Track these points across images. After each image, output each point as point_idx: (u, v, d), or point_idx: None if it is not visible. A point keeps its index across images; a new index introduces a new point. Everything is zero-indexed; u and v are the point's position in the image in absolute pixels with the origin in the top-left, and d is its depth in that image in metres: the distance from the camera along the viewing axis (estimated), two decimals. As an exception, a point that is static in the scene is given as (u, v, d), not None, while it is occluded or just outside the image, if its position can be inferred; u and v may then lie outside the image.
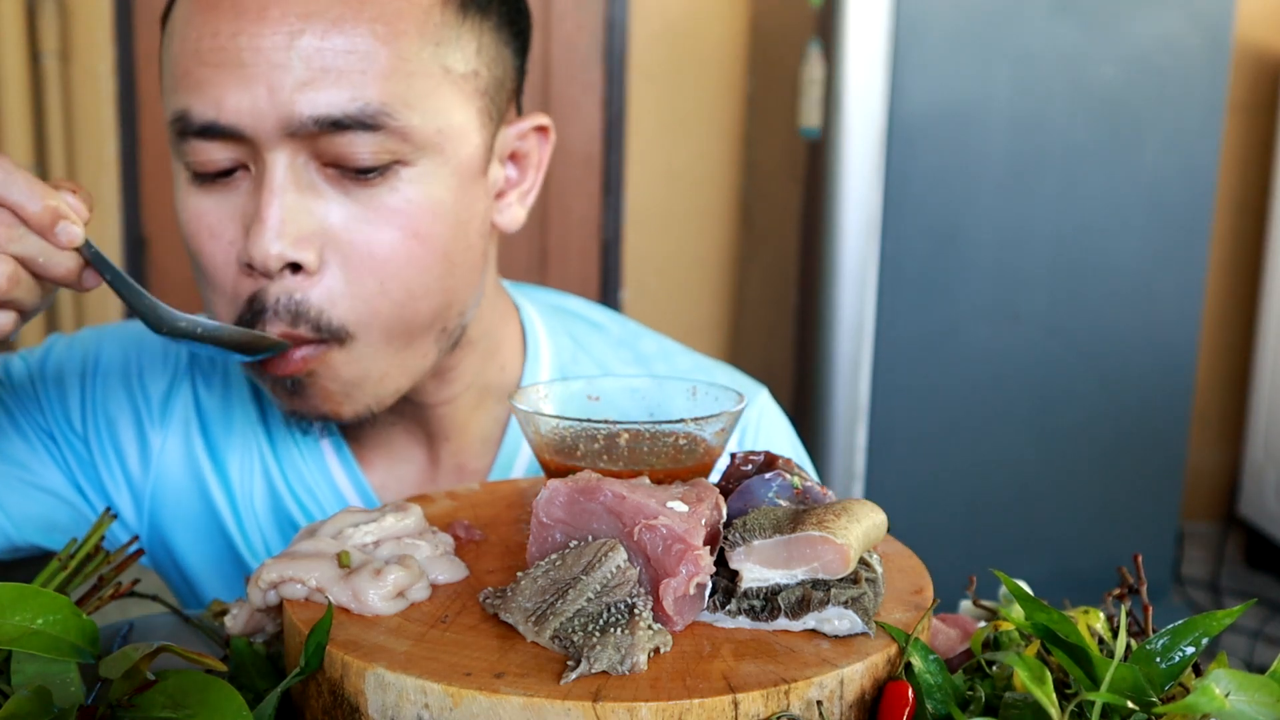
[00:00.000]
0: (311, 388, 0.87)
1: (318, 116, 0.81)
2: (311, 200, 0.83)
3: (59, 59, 3.11)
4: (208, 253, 0.86)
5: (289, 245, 0.82)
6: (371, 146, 0.82)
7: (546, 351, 1.05)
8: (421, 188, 0.85)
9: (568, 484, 0.65)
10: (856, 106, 2.49)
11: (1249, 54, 3.38)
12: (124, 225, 3.28)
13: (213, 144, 0.83)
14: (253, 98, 0.81)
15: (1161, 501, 2.77)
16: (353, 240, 0.84)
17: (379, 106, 0.82)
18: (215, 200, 0.86)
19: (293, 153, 0.83)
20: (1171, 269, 2.67)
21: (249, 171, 0.85)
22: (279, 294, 0.84)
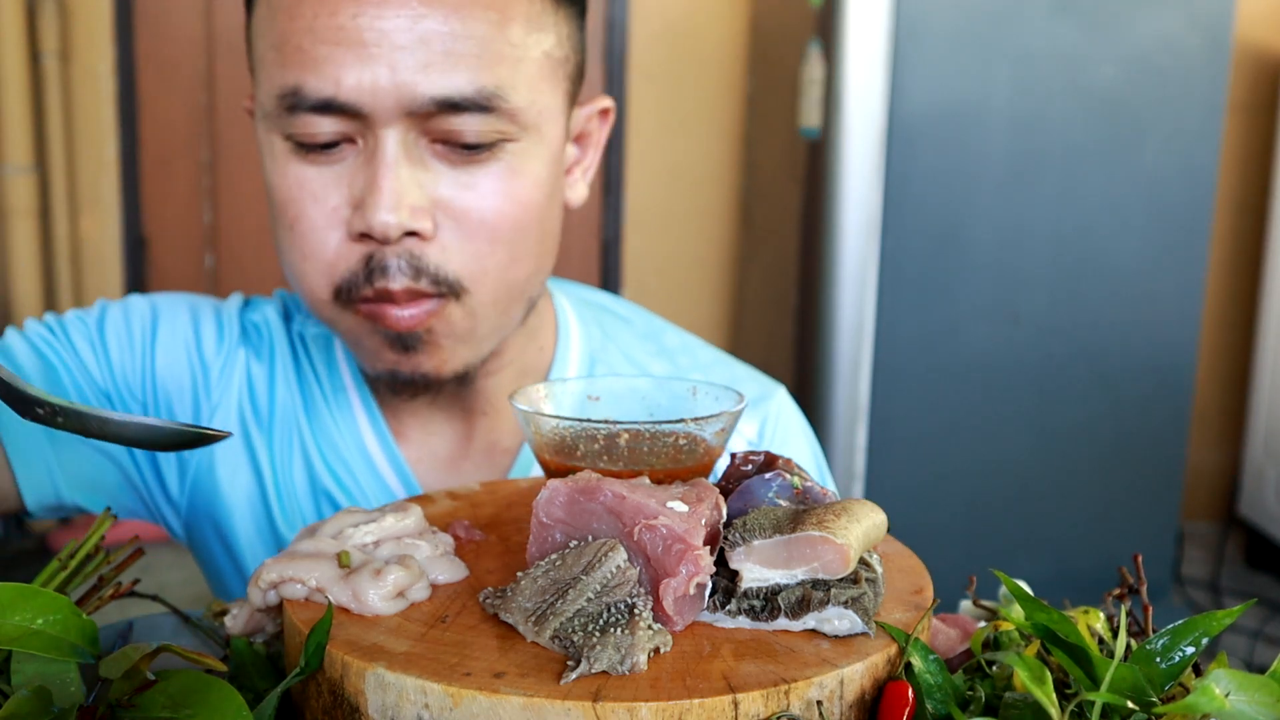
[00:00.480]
0: (426, 343, 0.92)
1: (437, 97, 0.85)
2: (421, 173, 0.88)
3: (59, 59, 3.12)
4: (309, 217, 0.89)
5: (406, 215, 0.86)
6: (482, 126, 0.87)
7: (577, 338, 1.09)
8: (522, 163, 0.90)
9: (568, 484, 0.65)
10: (856, 106, 2.49)
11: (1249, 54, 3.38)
12: (124, 225, 3.28)
13: (325, 118, 0.86)
14: (373, 76, 0.84)
15: (1161, 501, 2.77)
16: (464, 206, 0.89)
17: (493, 90, 0.87)
18: (319, 170, 0.89)
19: (405, 129, 0.87)
20: (1171, 269, 2.67)
21: (355, 145, 0.88)
22: (398, 253, 0.88)
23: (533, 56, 0.90)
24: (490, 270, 0.91)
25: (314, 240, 0.90)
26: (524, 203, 0.91)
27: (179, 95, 3.29)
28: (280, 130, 0.89)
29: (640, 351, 1.11)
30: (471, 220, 0.89)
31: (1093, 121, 2.57)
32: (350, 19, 0.84)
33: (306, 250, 0.90)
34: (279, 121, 0.89)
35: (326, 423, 1.04)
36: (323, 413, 1.04)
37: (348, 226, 0.88)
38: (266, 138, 0.91)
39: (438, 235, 0.89)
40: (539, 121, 0.91)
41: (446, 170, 0.89)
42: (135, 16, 3.25)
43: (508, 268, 0.92)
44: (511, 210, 0.90)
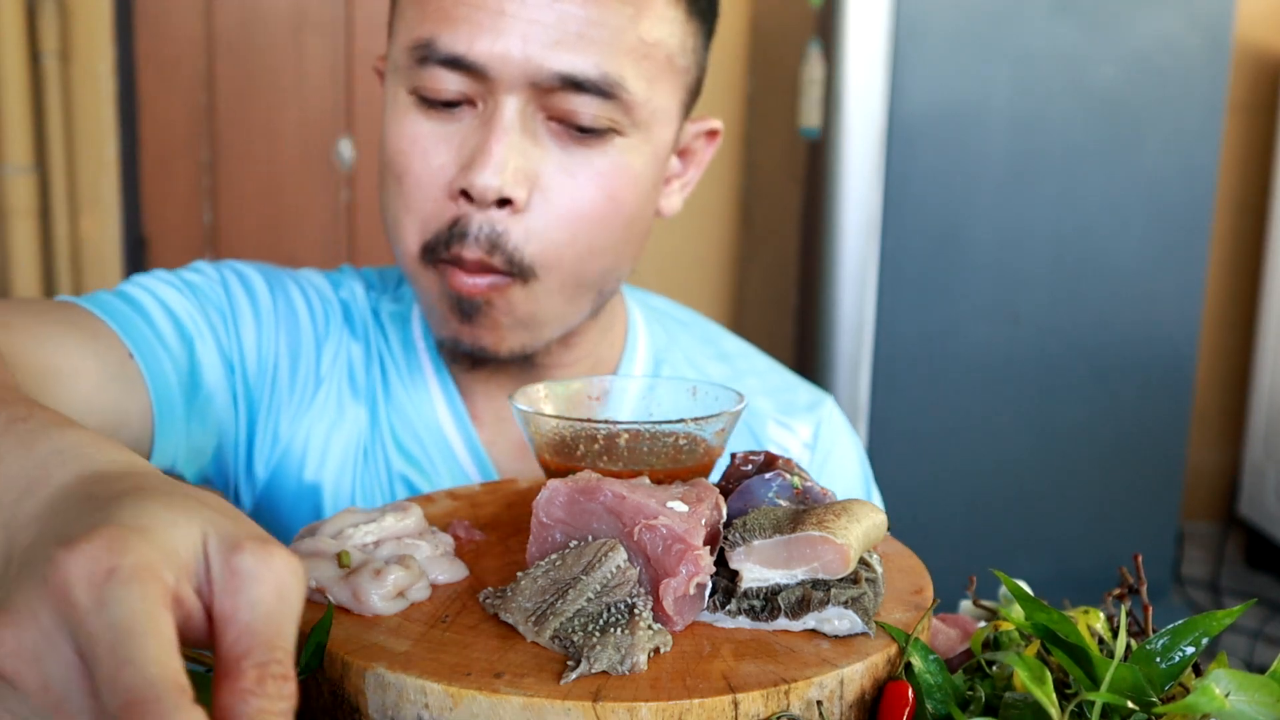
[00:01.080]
0: (485, 316, 0.93)
1: (563, 73, 0.88)
2: (530, 145, 0.90)
3: (59, 59, 3.12)
4: (415, 171, 0.92)
5: (507, 181, 0.89)
6: (598, 111, 0.90)
7: (644, 339, 1.12)
8: (627, 157, 0.93)
9: (568, 484, 0.65)
10: (856, 106, 2.49)
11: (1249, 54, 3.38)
12: (124, 225, 3.28)
13: (452, 75, 0.89)
14: (505, 43, 0.87)
15: (1161, 501, 2.77)
16: (560, 188, 0.91)
17: (616, 78, 0.90)
18: (435, 126, 0.92)
19: (525, 100, 0.89)
20: (1171, 269, 2.67)
21: (474, 108, 0.91)
22: (482, 222, 0.90)
23: (657, 57, 0.93)
24: (565, 259, 0.93)
25: (417, 194, 0.92)
26: (618, 198, 0.94)
27: (179, 95, 3.29)
28: (407, 84, 0.92)
29: (700, 355, 1.14)
30: (563, 204, 0.92)
31: (1093, 121, 2.57)
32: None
33: (408, 203, 0.93)
34: (408, 74, 0.92)
35: (403, 403, 1.06)
36: (399, 392, 1.06)
37: (449, 184, 0.91)
38: (393, 91, 0.94)
39: (526, 214, 0.91)
40: (651, 121, 0.94)
41: (555, 149, 0.91)
42: (135, 16, 3.25)
43: (584, 259, 0.94)
44: (604, 203, 0.93)
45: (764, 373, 1.15)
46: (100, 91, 3.18)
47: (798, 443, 1.10)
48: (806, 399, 1.14)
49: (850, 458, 1.15)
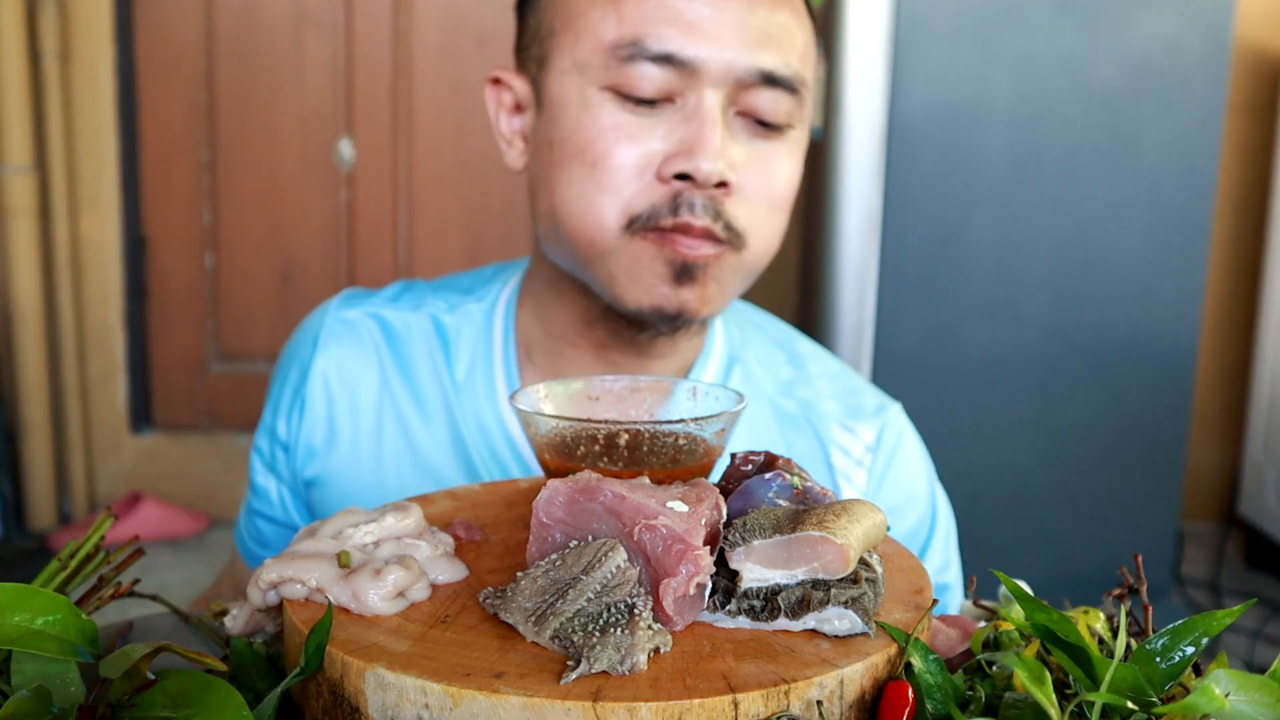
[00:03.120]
0: (698, 278, 1.00)
1: (763, 70, 0.98)
2: (728, 137, 0.99)
3: (59, 59, 3.11)
4: (618, 157, 0.98)
5: (724, 166, 0.97)
6: (783, 106, 1.00)
7: (720, 338, 1.17)
8: (797, 149, 1.04)
9: (568, 484, 0.65)
10: (856, 106, 2.49)
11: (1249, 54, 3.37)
12: (124, 225, 3.28)
13: (659, 71, 0.97)
14: (713, 43, 0.96)
15: (1161, 501, 2.77)
16: (753, 176, 1.00)
17: (801, 79, 1.01)
18: (636, 118, 0.98)
19: (724, 95, 0.98)
20: (1171, 269, 2.66)
21: (673, 103, 0.98)
22: (702, 197, 0.98)
23: (814, 60, 1.04)
24: (763, 235, 1.03)
25: (619, 175, 0.98)
26: (794, 184, 1.05)
27: (179, 95, 3.29)
28: (601, 80, 0.98)
29: (773, 357, 1.19)
30: (760, 187, 1.01)
31: (1093, 121, 2.56)
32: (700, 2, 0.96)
33: (606, 184, 0.99)
34: (603, 72, 0.98)
35: (473, 401, 1.11)
36: (465, 392, 1.11)
37: (659, 169, 0.98)
38: (576, 88, 1.00)
39: (735, 192, 0.99)
40: (806, 120, 1.05)
41: (746, 140, 1.00)
42: (135, 16, 3.25)
43: (773, 238, 1.04)
44: (786, 187, 1.03)
45: (834, 376, 1.19)
46: (100, 91, 3.18)
47: (860, 446, 1.14)
48: (873, 404, 1.18)
49: (914, 463, 1.17)
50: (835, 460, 1.12)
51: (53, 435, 3.26)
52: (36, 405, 3.20)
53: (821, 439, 1.13)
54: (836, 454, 1.13)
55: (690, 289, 1.00)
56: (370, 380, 1.12)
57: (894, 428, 1.16)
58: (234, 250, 3.38)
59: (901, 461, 1.16)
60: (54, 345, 3.25)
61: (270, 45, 3.28)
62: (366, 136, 3.33)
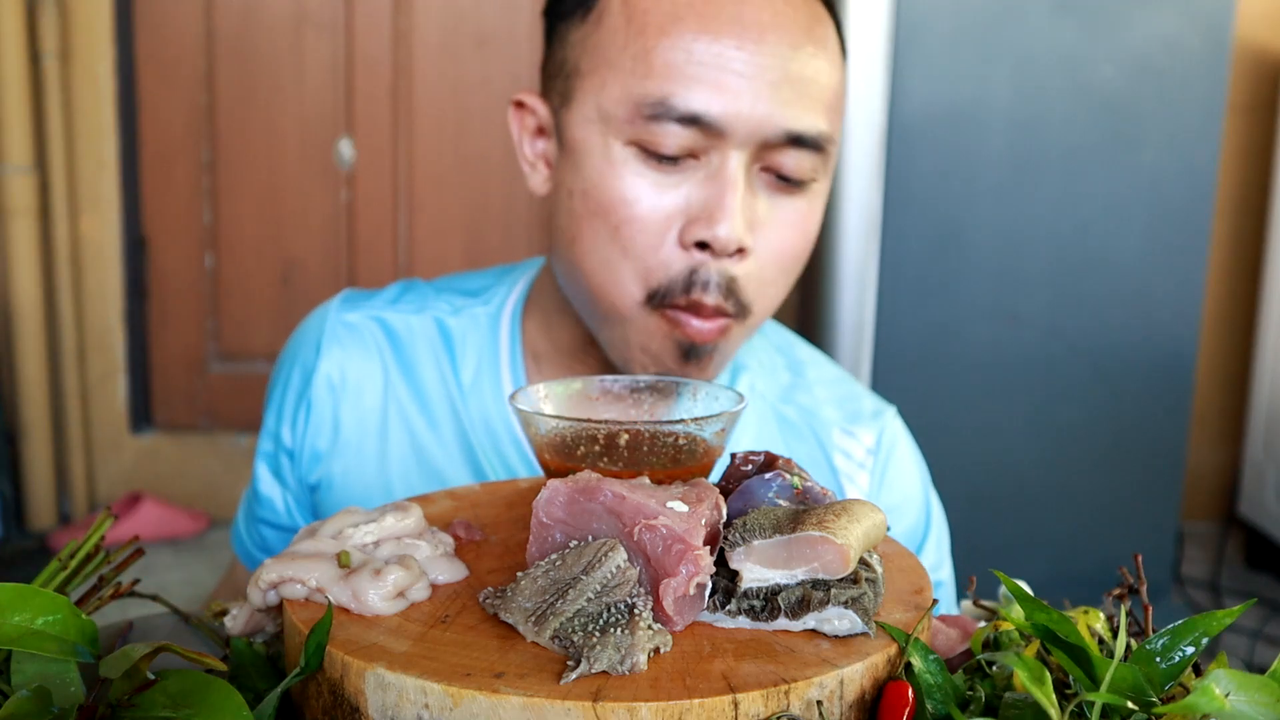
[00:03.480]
0: (705, 357, 0.99)
1: (792, 131, 0.94)
2: (750, 195, 0.96)
3: (59, 59, 3.11)
4: (641, 219, 0.95)
5: (745, 231, 0.95)
6: (809, 163, 0.97)
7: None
8: (818, 202, 1.01)
9: (568, 484, 0.65)
10: (856, 106, 2.49)
11: (1249, 54, 3.37)
12: (124, 225, 3.28)
13: (686, 131, 0.93)
14: (741, 102, 0.92)
15: (1161, 501, 2.77)
16: (771, 233, 0.97)
17: (829, 135, 0.97)
18: (659, 177, 0.95)
19: (749, 154, 0.95)
20: (1171, 269, 2.66)
21: (697, 160, 0.95)
22: (718, 270, 0.95)
23: (841, 105, 1.01)
24: (770, 297, 1.01)
25: (642, 241, 0.96)
26: (810, 239, 1.01)
27: (179, 95, 3.29)
28: (626, 136, 0.95)
29: (773, 362, 1.18)
30: (775, 246, 0.98)
31: (1093, 121, 2.56)
32: (733, 49, 0.92)
33: (631, 250, 0.96)
34: (628, 127, 0.94)
35: (479, 402, 1.10)
36: (472, 393, 1.10)
37: (681, 234, 0.95)
38: (600, 139, 0.97)
39: (751, 258, 0.97)
40: (832, 168, 1.01)
41: (767, 196, 0.97)
42: (135, 16, 3.25)
43: (779, 295, 1.02)
44: (803, 243, 1.00)
45: (832, 383, 1.19)
46: (100, 91, 3.18)
47: (862, 449, 1.14)
48: (871, 408, 1.18)
49: (910, 466, 1.18)
50: (839, 463, 1.13)
51: (53, 435, 3.26)
52: (36, 405, 3.20)
53: (823, 445, 1.14)
54: (839, 458, 1.14)
55: (696, 365, 1.00)
56: (374, 383, 1.12)
57: (891, 431, 1.17)
58: (234, 250, 3.38)
59: (899, 464, 1.17)
60: (54, 345, 3.25)
61: (270, 45, 3.28)
62: (366, 136, 3.33)
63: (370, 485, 1.11)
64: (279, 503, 1.16)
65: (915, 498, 1.17)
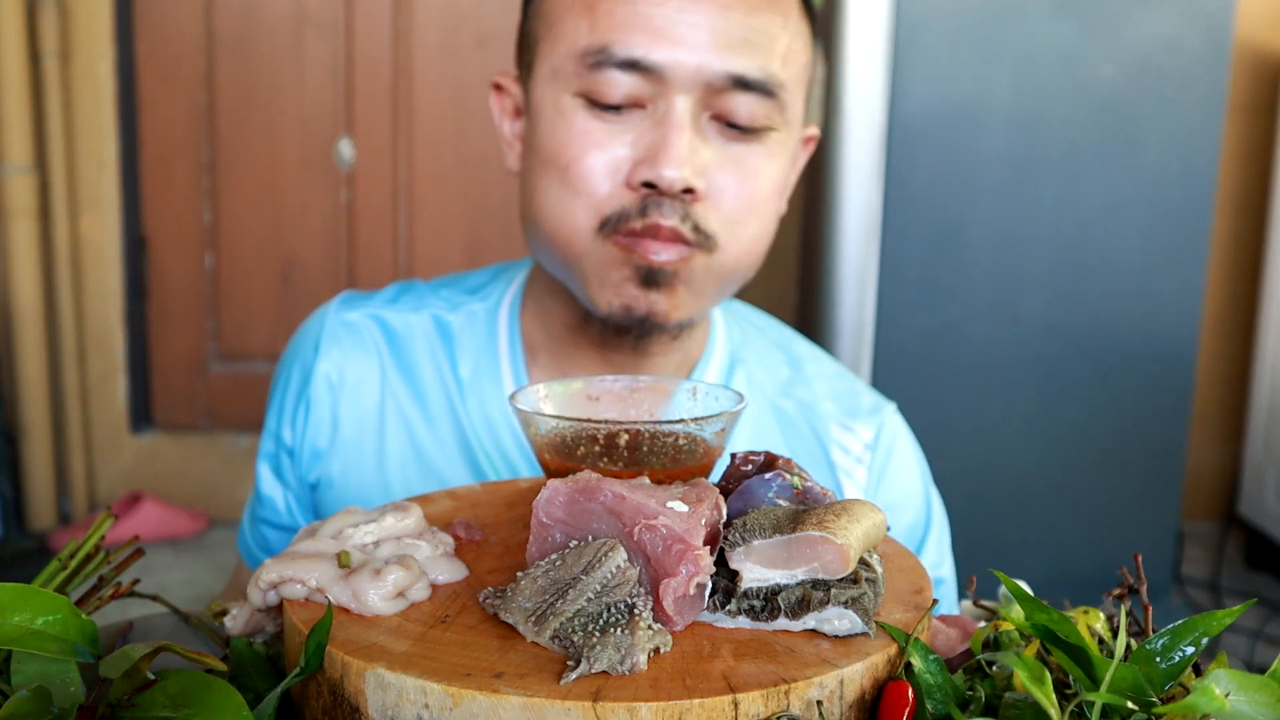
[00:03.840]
0: (668, 284, 1.00)
1: (733, 74, 0.96)
2: (699, 141, 0.98)
3: (59, 59, 3.11)
4: (588, 163, 0.99)
5: (690, 173, 0.96)
6: (759, 110, 0.98)
7: (723, 338, 1.17)
8: (779, 151, 1.02)
9: (568, 484, 0.65)
10: (856, 106, 2.49)
11: (1249, 54, 3.37)
12: (124, 225, 3.27)
13: (626, 77, 0.96)
14: (681, 48, 0.95)
15: (1161, 501, 2.77)
16: (729, 177, 0.99)
17: (778, 81, 0.98)
18: (605, 124, 0.98)
19: (695, 100, 0.97)
20: (1171, 269, 2.66)
21: (643, 109, 0.98)
22: (670, 200, 0.97)
23: (799, 63, 1.02)
24: (741, 237, 1.02)
25: (590, 181, 0.99)
26: (774, 187, 1.03)
27: (179, 95, 3.29)
28: (573, 87, 0.99)
29: (772, 357, 1.19)
30: (734, 191, 1.00)
31: (1093, 121, 2.56)
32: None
33: (578, 188, 0.99)
34: (575, 79, 0.98)
35: (478, 399, 1.12)
36: (470, 391, 1.12)
37: (628, 176, 0.98)
38: (551, 95, 1.01)
39: (707, 197, 0.99)
40: (793, 121, 1.03)
41: (720, 144, 0.99)
42: (135, 16, 3.25)
43: (753, 241, 1.03)
44: (764, 189, 1.02)
45: (831, 378, 1.20)
46: (100, 91, 3.18)
47: (859, 444, 1.15)
48: (869, 403, 1.18)
49: (910, 462, 1.18)
50: (836, 458, 1.13)
51: (53, 435, 3.26)
52: (36, 405, 3.20)
53: (821, 439, 1.14)
54: (837, 452, 1.14)
55: (659, 293, 1.00)
56: (372, 382, 1.13)
57: (890, 427, 1.17)
58: (234, 250, 3.38)
59: (898, 460, 1.17)
60: (54, 345, 3.25)
61: (270, 45, 3.28)
62: (366, 136, 3.33)
63: (369, 483, 1.11)
64: (280, 502, 1.17)
65: (914, 495, 1.17)
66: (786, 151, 1.03)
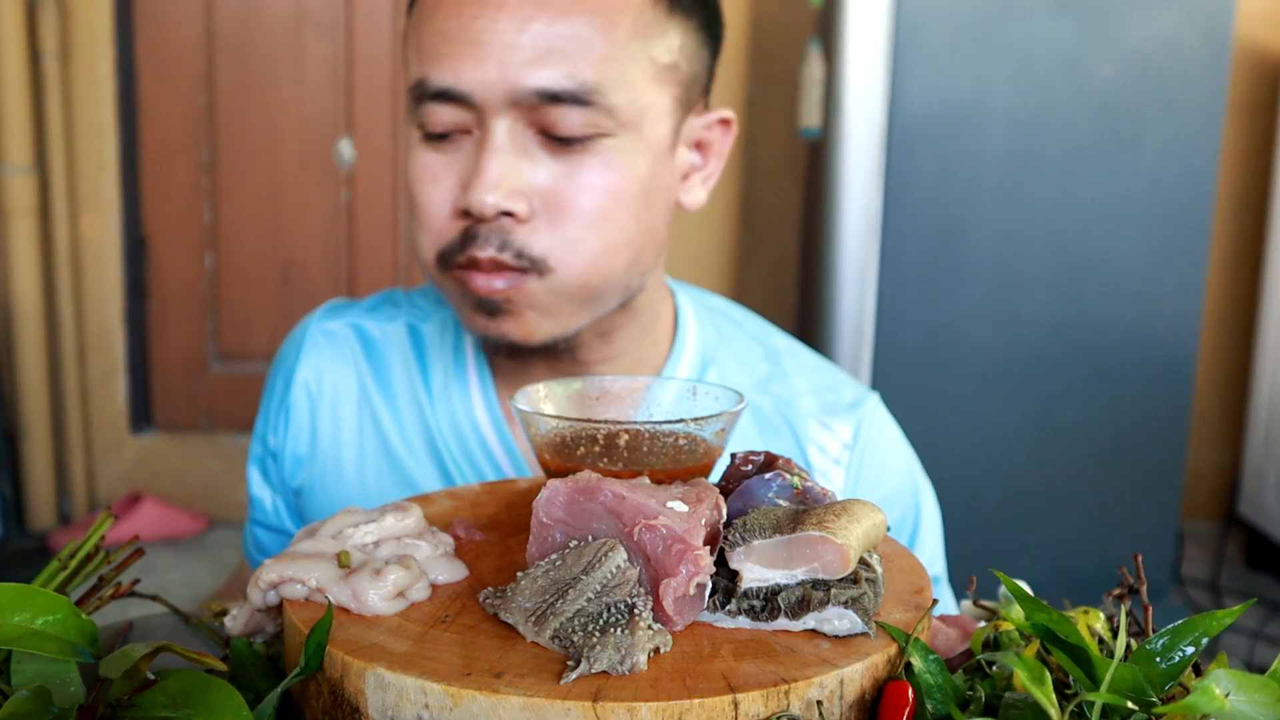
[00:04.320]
0: (507, 311, 0.99)
1: (540, 89, 0.94)
2: (524, 161, 0.96)
3: (59, 59, 3.11)
4: (427, 196, 1.00)
5: (502, 197, 0.95)
6: (581, 119, 0.95)
7: (693, 339, 1.15)
8: (619, 157, 0.98)
9: (568, 484, 0.65)
10: (856, 106, 2.49)
11: (1249, 54, 3.38)
12: (124, 225, 3.28)
13: (445, 107, 0.96)
14: (485, 70, 0.94)
15: (1161, 501, 2.77)
16: (559, 194, 0.97)
17: (592, 86, 0.95)
18: (439, 155, 0.99)
19: (513, 120, 0.95)
20: (1171, 269, 2.66)
21: (470, 135, 0.98)
22: (491, 229, 0.97)
23: (637, 59, 0.97)
24: (582, 254, 0.98)
25: (429, 214, 1.00)
26: (617, 194, 0.98)
27: (179, 95, 3.29)
28: (414, 121, 1.00)
29: (749, 352, 1.17)
30: (566, 207, 0.97)
31: (1093, 121, 2.57)
32: (471, 21, 0.94)
33: (423, 222, 1.01)
34: (414, 113, 1.00)
35: (447, 406, 1.12)
36: (440, 398, 1.12)
37: (454, 206, 0.98)
38: (407, 129, 1.02)
39: (533, 219, 0.97)
40: (639, 121, 0.98)
41: (548, 160, 0.97)
42: (135, 16, 3.25)
43: (601, 255, 0.99)
44: (604, 201, 0.98)
45: (811, 371, 1.18)
46: (100, 91, 3.18)
47: (837, 443, 1.13)
48: (850, 398, 1.16)
49: (894, 455, 1.16)
50: (813, 458, 1.12)
51: (53, 435, 3.26)
52: (36, 405, 3.20)
53: (798, 437, 1.12)
54: (814, 452, 1.12)
55: (503, 320, 1.00)
56: (350, 390, 1.14)
57: (871, 422, 1.14)
58: (234, 250, 3.38)
59: (881, 455, 1.14)
60: (54, 345, 3.25)
61: (270, 45, 3.29)
62: (366, 136, 3.33)
63: (347, 491, 1.13)
64: (268, 505, 1.19)
65: (903, 490, 1.15)
66: (636, 153, 0.98)
